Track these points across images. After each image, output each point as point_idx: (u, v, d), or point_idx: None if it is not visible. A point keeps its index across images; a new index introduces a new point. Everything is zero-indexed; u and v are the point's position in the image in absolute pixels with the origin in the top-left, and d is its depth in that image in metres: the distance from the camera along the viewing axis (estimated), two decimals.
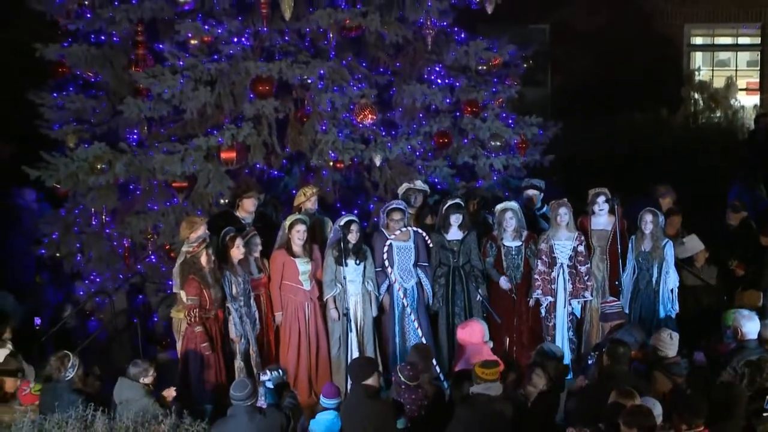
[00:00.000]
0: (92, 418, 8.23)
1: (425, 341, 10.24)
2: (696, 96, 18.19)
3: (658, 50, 18.18)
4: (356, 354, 10.19)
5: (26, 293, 11.89)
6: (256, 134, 11.07)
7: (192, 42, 11.06)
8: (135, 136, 11.42)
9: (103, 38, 11.62)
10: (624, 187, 11.63)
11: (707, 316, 10.77)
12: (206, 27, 10.94)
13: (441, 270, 10.70)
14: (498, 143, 11.87)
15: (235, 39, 11.04)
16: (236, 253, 9.99)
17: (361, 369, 8.40)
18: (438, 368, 9.85)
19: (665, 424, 7.59)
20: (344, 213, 10.89)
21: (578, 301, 10.69)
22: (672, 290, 10.65)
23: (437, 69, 11.97)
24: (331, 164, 11.35)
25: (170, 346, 10.49)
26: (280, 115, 11.35)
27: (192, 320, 9.68)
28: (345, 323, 10.32)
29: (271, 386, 8.56)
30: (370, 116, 11.23)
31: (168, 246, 11.22)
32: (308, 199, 10.74)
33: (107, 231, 11.64)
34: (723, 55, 19.68)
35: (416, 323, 10.44)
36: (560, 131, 12.72)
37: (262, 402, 8.40)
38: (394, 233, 10.44)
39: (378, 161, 11.26)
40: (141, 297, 11.68)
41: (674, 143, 15.75)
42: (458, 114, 12.02)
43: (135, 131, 11.45)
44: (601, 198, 10.74)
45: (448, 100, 11.84)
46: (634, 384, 8.11)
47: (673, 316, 10.62)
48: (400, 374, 8.52)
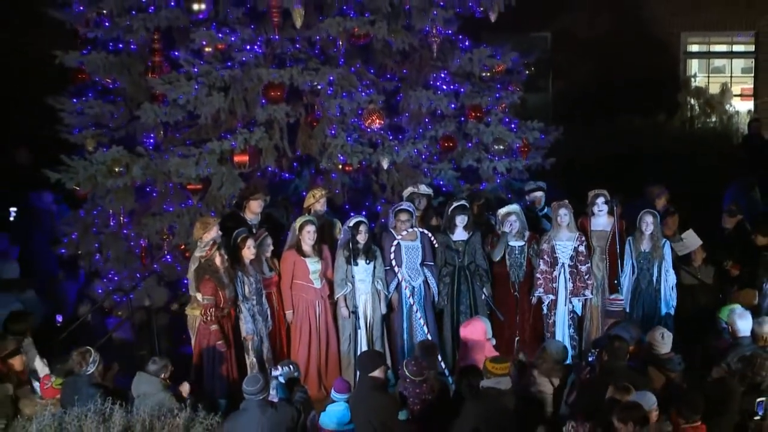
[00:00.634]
0: (110, 412, 8.27)
1: (431, 338, 10.23)
2: (692, 101, 18.13)
3: (656, 57, 18.13)
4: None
5: (47, 292, 11.89)
6: (268, 138, 11.09)
7: (206, 49, 11.06)
8: (151, 140, 11.43)
9: (121, 46, 11.64)
10: (623, 189, 11.57)
11: (704, 315, 10.74)
12: (220, 35, 10.97)
13: (446, 269, 10.67)
14: (501, 147, 11.86)
15: (248, 46, 11.06)
16: (248, 254, 9.98)
17: (369, 361, 8.50)
18: (443, 364, 9.84)
19: (662, 417, 7.57)
20: (353, 214, 10.90)
21: (579, 299, 10.65)
22: (673, 288, 10.63)
23: (442, 75, 11.96)
24: (340, 167, 11.33)
25: (186, 342, 10.46)
26: (291, 120, 11.37)
27: (208, 319, 9.69)
28: (354, 321, 10.31)
29: (283, 381, 8.57)
30: (378, 121, 11.25)
31: (183, 246, 11.22)
32: (318, 201, 10.74)
33: (125, 231, 11.66)
34: (718, 62, 19.63)
35: (422, 321, 10.42)
36: (561, 135, 12.69)
37: (274, 396, 8.39)
38: (402, 233, 10.43)
39: (385, 164, 11.25)
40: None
41: (671, 147, 15.69)
42: (463, 119, 12.00)
43: (151, 135, 11.45)
44: (601, 199, 10.71)
45: (453, 106, 11.82)
46: (632, 379, 8.11)
47: (672, 313, 10.59)
48: (405, 369, 8.53)
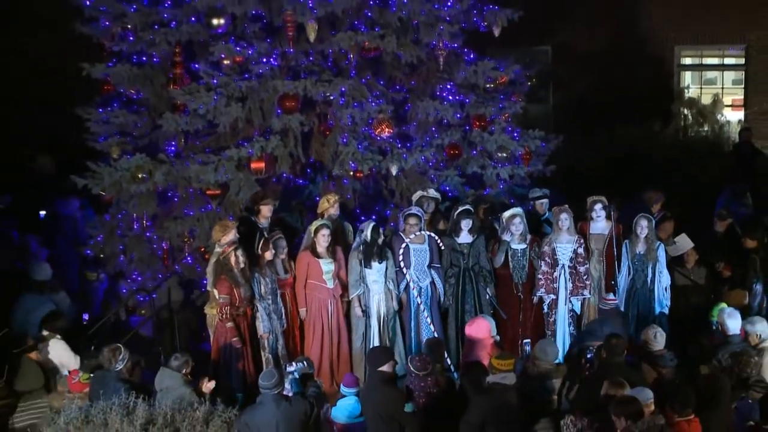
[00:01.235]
0: (134, 405, 8.30)
1: (437, 336, 10.29)
2: (685, 111, 18.09)
3: (651, 70, 18.13)
4: None
5: (75, 293, 11.97)
6: (283, 146, 11.14)
7: (225, 62, 11.10)
8: (173, 148, 11.47)
9: (144, 59, 11.69)
10: (620, 195, 11.63)
11: (697, 314, 10.79)
12: (238, 48, 11.00)
13: (452, 271, 10.71)
14: (504, 154, 11.91)
15: (264, 59, 11.11)
16: (268, 255, 10.13)
17: (378, 356, 8.57)
18: (449, 360, 9.90)
19: (656, 410, 7.61)
20: (364, 219, 10.97)
21: (578, 299, 10.71)
22: (666, 288, 10.67)
23: (448, 87, 11.98)
24: (352, 174, 11.39)
25: (206, 340, 10.54)
26: (305, 129, 11.41)
27: (224, 316, 9.78)
28: (366, 320, 10.38)
29: (297, 376, 8.61)
30: (387, 130, 11.28)
31: (203, 248, 11.28)
32: (331, 206, 10.81)
33: (147, 234, 11.71)
34: (710, 74, 19.58)
35: (429, 319, 10.48)
36: (561, 143, 12.71)
37: (289, 390, 8.43)
38: (410, 236, 10.49)
39: (394, 171, 11.29)
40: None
41: (666, 154, 15.72)
42: (468, 128, 12.02)
43: (173, 143, 11.50)
44: (599, 205, 10.77)
45: (459, 115, 11.86)
46: (628, 375, 8.15)
47: (666, 312, 10.64)
48: (411, 365, 8.60)
